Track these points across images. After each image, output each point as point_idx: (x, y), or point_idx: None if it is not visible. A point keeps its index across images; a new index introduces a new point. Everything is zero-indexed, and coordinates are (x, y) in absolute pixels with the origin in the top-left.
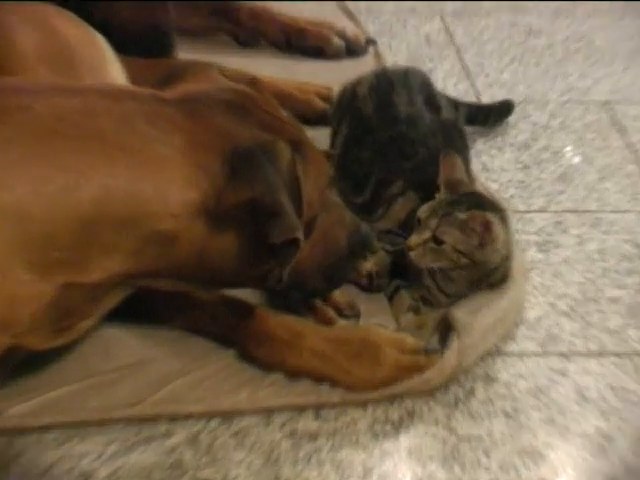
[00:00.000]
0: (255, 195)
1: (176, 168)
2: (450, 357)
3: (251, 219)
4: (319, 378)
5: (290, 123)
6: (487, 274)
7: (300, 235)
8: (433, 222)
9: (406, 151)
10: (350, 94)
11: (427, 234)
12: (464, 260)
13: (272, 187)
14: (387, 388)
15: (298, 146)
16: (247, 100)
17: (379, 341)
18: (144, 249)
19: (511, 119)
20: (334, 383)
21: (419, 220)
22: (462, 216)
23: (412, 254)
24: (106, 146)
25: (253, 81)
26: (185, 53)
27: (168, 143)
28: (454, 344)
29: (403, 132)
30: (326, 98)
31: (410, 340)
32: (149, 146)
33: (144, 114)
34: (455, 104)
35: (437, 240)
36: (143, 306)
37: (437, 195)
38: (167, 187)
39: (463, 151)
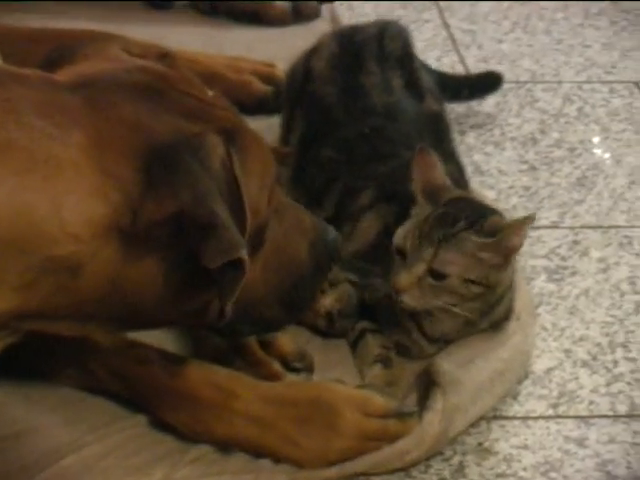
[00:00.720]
0: (181, 206)
1: (77, 174)
2: (432, 422)
3: (178, 238)
4: (257, 451)
5: (220, 106)
6: (492, 306)
7: (244, 254)
8: (427, 251)
9: (382, 151)
10: (302, 71)
11: (421, 267)
12: (477, 289)
13: (202, 194)
14: (348, 464)
15: (233, 136)
16: (162, 81)
17: (336, 402)
18: (37, 281)
19: (513, 105)
20: (277, 458)
21: (400, 250)
22: (475, 239)
23: (404, 298)
24: None
25: (165, 55)
26: (77, 21)
27: (65, 141)
28: (437, 405)
29: (379, 127)
30: (268, 78)
31: (377, 400)
32: (41, 145)
33: (33, 103)
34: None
35: (437, 274)
36: (21, 356)
37: (414, 210)
38: (65, 200)
39: (454, 155)
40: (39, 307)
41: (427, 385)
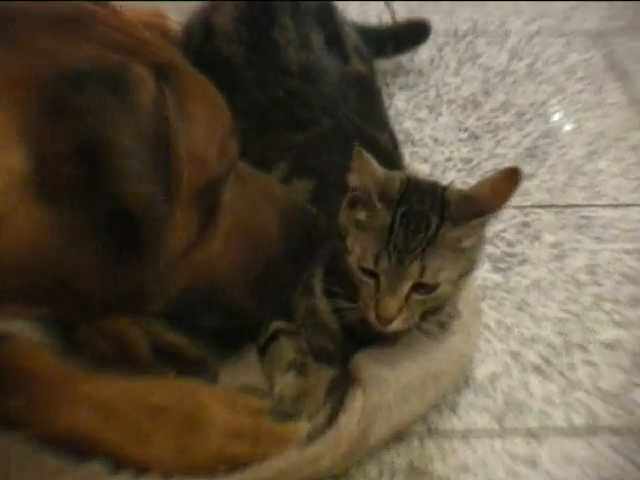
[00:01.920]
0: (81, 138)
1: None
2: (350, 423)
3: (90, 184)
4: (99, 448)
5: (156, 44)
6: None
7: (149, 189)
8: (413, 267)
9: (298, 118)
10: (203, 27)
11: (407, 286)
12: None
13: (105, 124)
14: (249, 470)
15: (167, 73)
16: (85, 15)
17: (200, 395)
18: None
19: (451, 61)
20: (121, 457)
21: (369, 272)
22: (455, 230)
23: (392, 326)
24: None
25: None
26: None
27: None
28: (356, 403)
29: (295, 89)
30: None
31: (249, 397)
32: None
33: None
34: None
35: (427, 287)
36: None
37: (364, 217)
38: None
39: (387, 124)
40: None
41: (345, 384)
